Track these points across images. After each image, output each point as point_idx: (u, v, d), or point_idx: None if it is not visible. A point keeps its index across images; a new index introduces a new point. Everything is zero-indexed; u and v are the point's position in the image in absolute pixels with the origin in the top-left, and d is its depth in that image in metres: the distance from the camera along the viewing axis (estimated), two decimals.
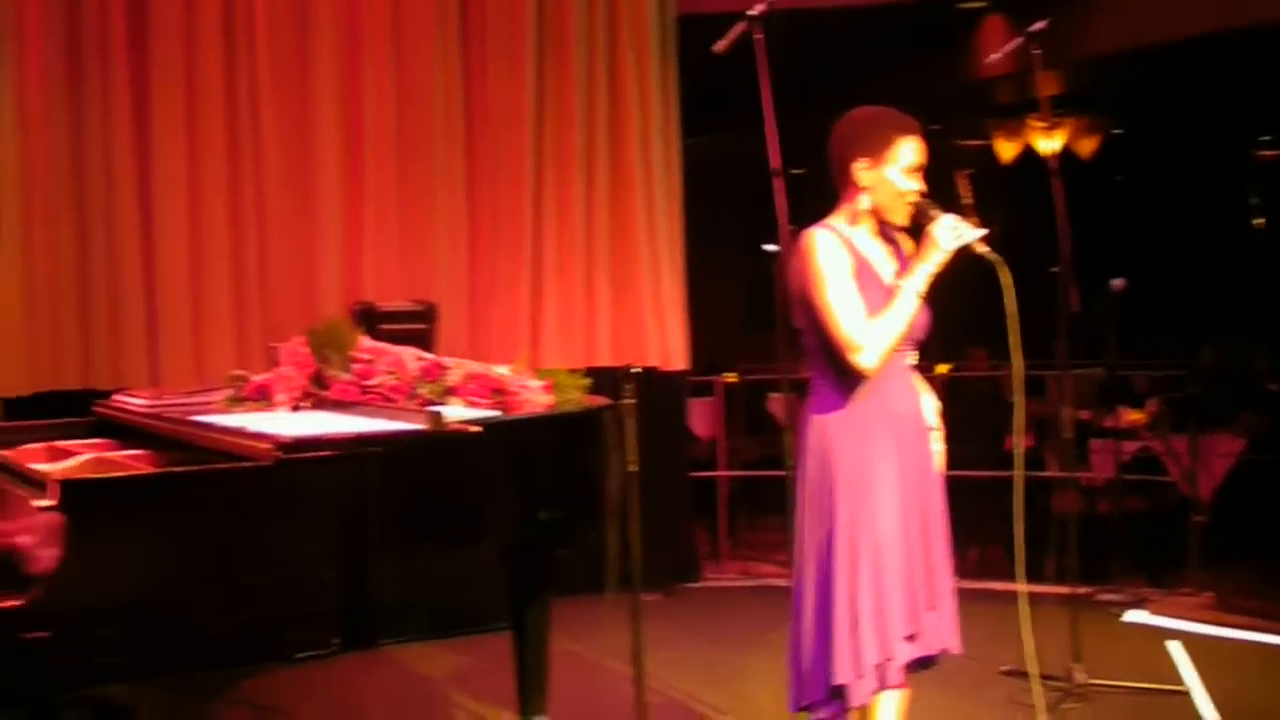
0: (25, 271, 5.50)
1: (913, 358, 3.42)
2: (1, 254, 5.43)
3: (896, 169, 3.31)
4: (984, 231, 3.28)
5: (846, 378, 3.29)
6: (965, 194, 4.26)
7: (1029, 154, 10.44)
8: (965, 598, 3.45)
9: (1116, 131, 10.86)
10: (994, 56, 5.36)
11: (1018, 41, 5.08)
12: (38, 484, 2.80)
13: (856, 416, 3.30)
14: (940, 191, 3.39)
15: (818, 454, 3.34)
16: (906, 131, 3.34)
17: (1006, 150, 10.63)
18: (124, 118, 5.69)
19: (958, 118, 10.53)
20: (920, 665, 3.42)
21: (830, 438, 3.32)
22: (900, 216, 3.35)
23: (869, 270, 3.33)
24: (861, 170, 3.34)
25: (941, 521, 3.40)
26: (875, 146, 3.33)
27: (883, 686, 3.27)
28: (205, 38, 5.89)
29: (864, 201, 3.36)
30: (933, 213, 3.29)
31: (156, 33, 5.78)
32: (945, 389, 6.99)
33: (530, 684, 4.02)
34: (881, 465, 3.29)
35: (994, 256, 3.25)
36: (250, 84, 6.02)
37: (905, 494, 3.31)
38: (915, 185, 3.33)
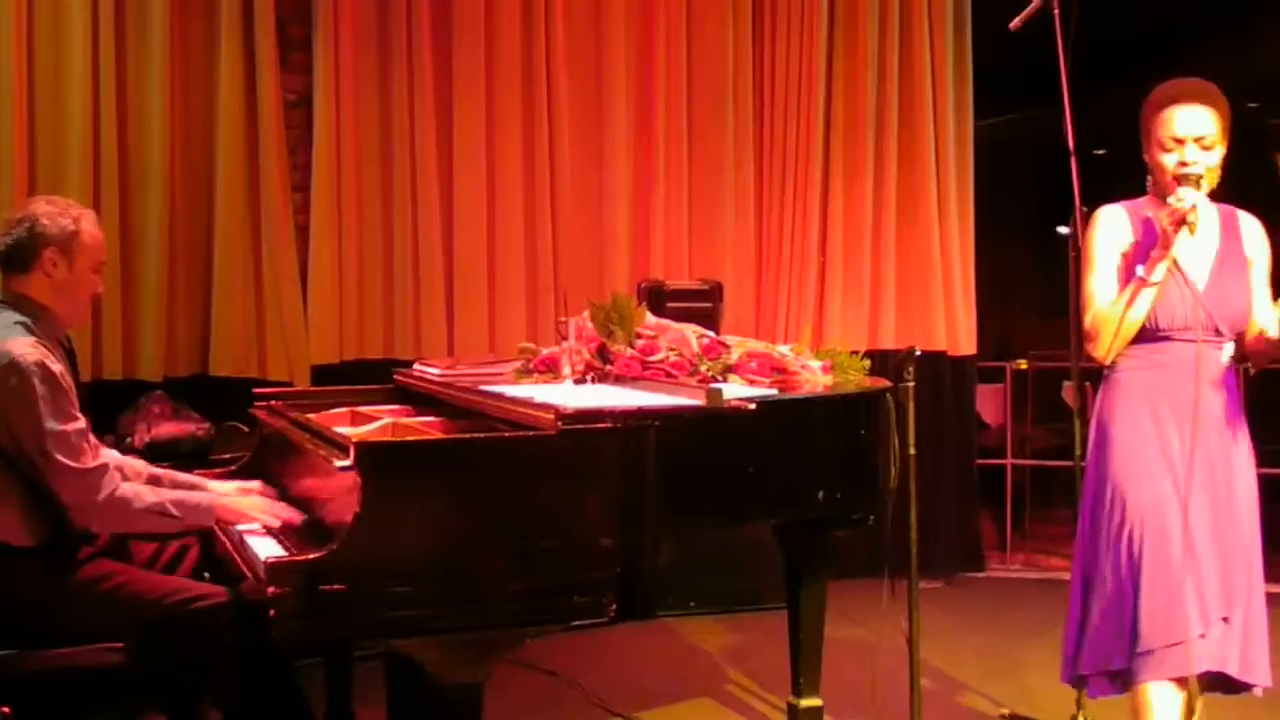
0: (336, 251, 5.77)
1: (1226, 349, 3.22)
2: (317, 236, 5.70)
3: (1156, 144, 3.16)
4: (1196, 198, 3.05)
5: (1124, 366, 3.20)
6: None
7: None
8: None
9: None
10: None
11: None
12: (340, 446, 2.96)
13: (1132, 408, 3.19)
14: (1257, 173, 3.22)
15: (1098, 441, 3.26)
16: (1166, 103, 3.15)
17: None
18: (427, 104, 5.90)
19: (1275, 95, 9.94)
20: (1222, 687, 3.24)
21: (1105, 428, 3.23)
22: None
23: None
24: (1144, 153, 3.22)
25: (1239, 534, 3.18)
26: (1144, 126, 3.20)
27: (1152, 675, 3.10)
28: (505, 24, 6.06)
29: (1151, 185, 3.23)
30: (1176, 196, 3.06)
31: (460, 19, 5.98)
32: (1253, 381, 6.63)
33: (803, 664, 4.03)
34: (1154, 464, 3.15)
35: (1190, 221, 3.02)
36: (548, 65, 6.16)
37: (1182, 494, 3.11)
38: (1173, 159, 3.12)
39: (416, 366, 4.29)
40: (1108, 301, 3.16)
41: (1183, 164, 3.10)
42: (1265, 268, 3.27)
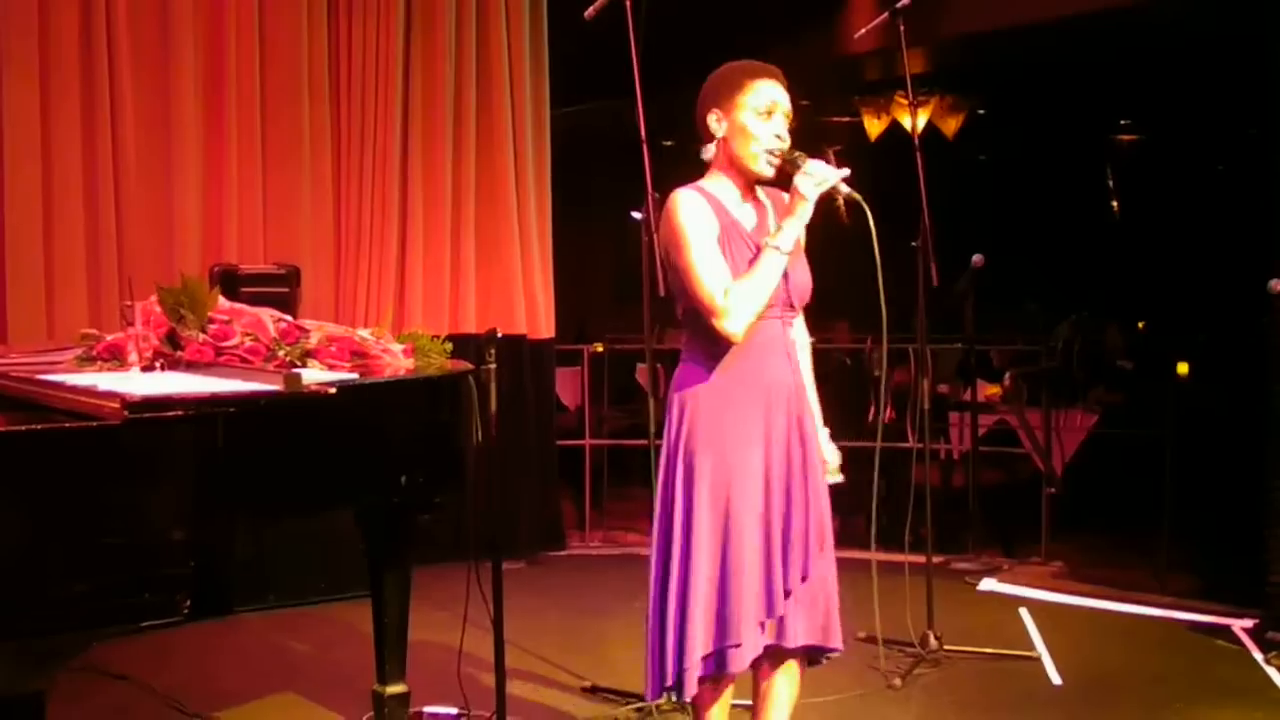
0: None
1: (796, 325, 3.26)
2: None
3: (748, 112, 3.14)
4: (845, 171, 3.08)
5: (715, 346, 3.12)
6: None
7: (895, 131, 10.59)
8: None
9: (980, 112, 11.08)
10: (861, 32, 5.42)
11: (883, 17, 5.14)
12: None
13: (722, 388, 3.13)
14: None
15: (678, 426, 3.17)
16: (758, 75, 3.17)
17: (873, 127, 10.78)
18: None
19: (826, 93, 10.64)
20: (804, 658, 3.31)
21: (692, 410, 3.15)
22: (761, 165, 3.15)
23: (738, 232, 3.14)
24: (714, 121, 3.18)
25: (815, 507, 3.18)
26: (725, 93, 3.17)
27: (719, 673, 3.13)
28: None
29: (721, 155, 3.19)
30: (799, 161, 3.09)
31: None
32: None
33: (389, 651, 3.99)
34: (745, 443, 3.12)
35: (856, 196, 3.07)
36: (109, 37, 5.80)
37: (769, 472, 3.14)
38: (770, 128, 3.14)
39: None
40: (724, 276, 3.08)
41: (778, 136, 3.13)
42: None
